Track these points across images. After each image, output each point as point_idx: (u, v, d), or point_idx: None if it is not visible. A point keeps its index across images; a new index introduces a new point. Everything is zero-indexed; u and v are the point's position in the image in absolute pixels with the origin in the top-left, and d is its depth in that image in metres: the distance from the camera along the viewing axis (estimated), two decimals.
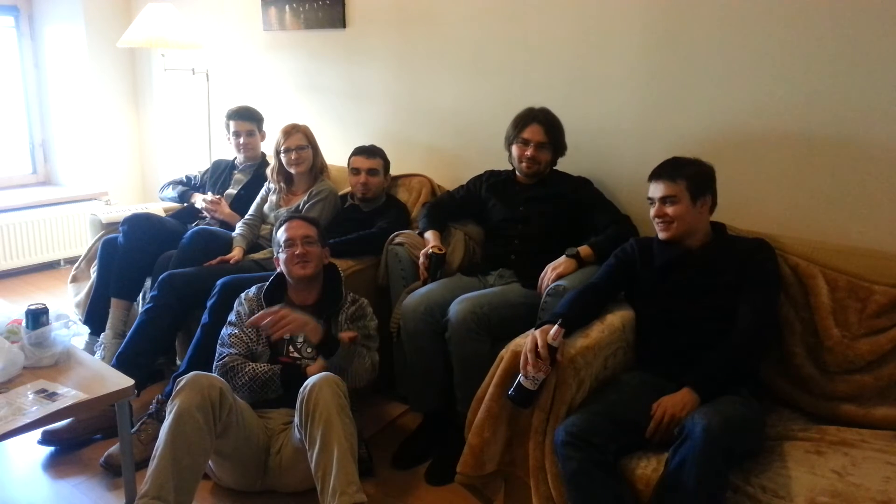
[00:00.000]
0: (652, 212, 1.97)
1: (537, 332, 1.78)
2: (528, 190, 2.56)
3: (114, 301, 2.87)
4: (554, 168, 2.58)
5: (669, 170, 1.96)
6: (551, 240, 2.46)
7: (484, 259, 2.62)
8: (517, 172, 2.59)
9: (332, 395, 1.93)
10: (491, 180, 2.69)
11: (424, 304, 2.32)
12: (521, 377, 1.75)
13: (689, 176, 1.93)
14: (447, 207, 2.72)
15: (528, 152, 2.47)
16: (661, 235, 1.97)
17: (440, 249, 2.46)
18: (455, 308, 2.24)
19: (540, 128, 2.46)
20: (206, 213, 3.13)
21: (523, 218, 2.53)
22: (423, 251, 2.46)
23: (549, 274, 2.27)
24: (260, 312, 2.13)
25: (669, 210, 1.92)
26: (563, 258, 2.29)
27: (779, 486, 1.58)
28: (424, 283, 2.45)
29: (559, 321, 1.79)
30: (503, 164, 2.67)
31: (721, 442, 1.54)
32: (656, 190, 1.96)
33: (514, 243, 2.53)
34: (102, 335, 2.86)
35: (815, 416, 1.93)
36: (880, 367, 1.88)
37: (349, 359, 2.13)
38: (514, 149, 2.52)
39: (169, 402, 1.93)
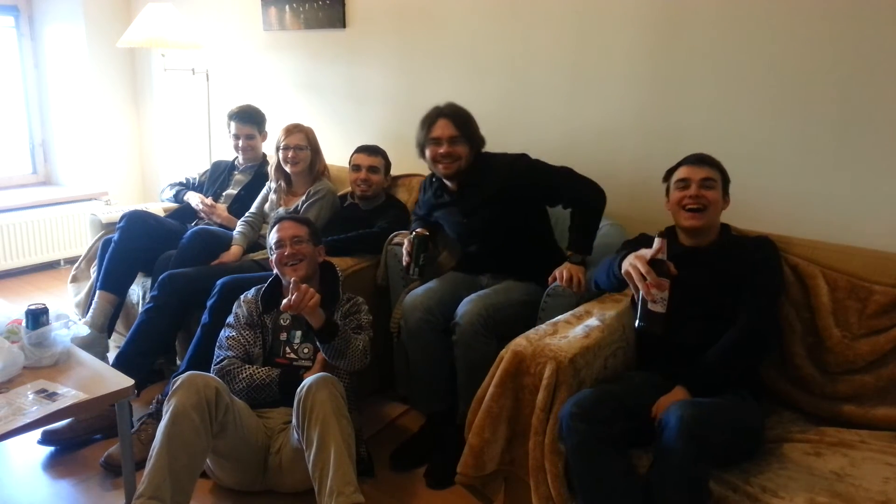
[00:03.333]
0: (683, 193, 1.91)
1: (637, 255, 1.73)
2: (460, 199, 2.42)
3: (99, 293, 2.83)
4: (478, 157, 2.42)
5: (708, 158, 1.96)
6: (518, 233, 2.40)
7: (470, 264, 2.56)
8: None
9: (329, 396, 1.93)
10: (426, 196, 2.57)
11: (425, 302, 2.32)
12: (647, 304, 1.68)
13: (722, 170, 1.97)
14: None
15: (442, 150, 2.32)
16: (689, 223, 1.91)
17: (423, 233, 2.43)
18: (463, 310, 2.22)
19: (447, 121, 2.32)
20: (202, 215, 3.13)
21: (472, 232, 2.44)
22: (407, 237, 2.44)
23: (564, 281, 2.17)
24: (289, 298, 2.04)
25: (707, 193, 1.89)
26: (567, 265, 2.21)
27: (779, 487, 1.58)
28: (408, 269, 2.40)
29: (658, 234, 1.73)
30: None
31: (694, 431, 1.53)
32: (696, 172, 1.91)
33: (483, 256, 2.47)
34: (81, 319, 2.79)
35: (815, 416, 1.94)
36: (880, 367, 1.88)
37: (347, 342, 2.13)
38: (428, 152, 2.36)
39: (165, 402, 1.93)
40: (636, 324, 1.73)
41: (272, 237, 2.29)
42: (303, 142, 2.91)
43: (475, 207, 2.41)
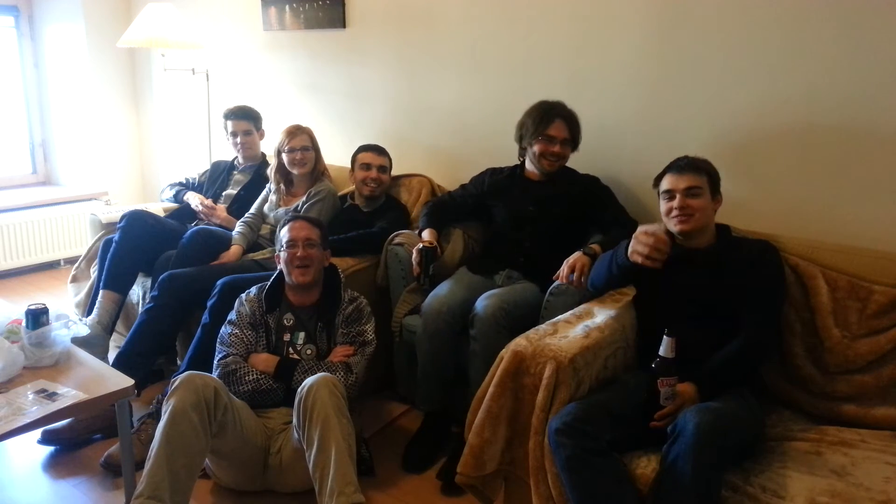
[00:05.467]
0: (670, 205, 1.92)
1: (649, 230, 1.81)
2: (538, 189, 2.52)
3: (103, 292, 2.84)
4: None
5: (691, 163, 1.94)
6: (560, 240, 2.44)
7: (490, 259, 2.59)
8: (532, 169, 2.54)
9: (330, 396, 1.93)
10: (494, 178, 2.65)
11: (447, 304, 2.32)
12: (660, 400, 1.71)
13: (709, 171, 1.95)
14: (447, 208, 2.71)
15: (556, 149, 2.43)
16: (678, 228, 1.92)
17: (431, 244, 2.46)
18: (483, 303, 2.25)
19: (563, 124, 2.43)
20: (201, 216, 3.13)
21: (533, 218, 2.50)
22: (415, 247, 2.46)
23: (566, 270, 2.22)
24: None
25: (693, 202, 1.89)
26: (578, 254, 2.25)
27: (779, 486, 1.58)
28: (418, 279, 2.45)
29: (667, 332, 1.72)
30: (503, 163, 2.67)
31: (712, 438, 1.54)
32: (679, 181, 1.92)
33: (523, 245, 2.50)
34: (87, 319, 2.80)
35: (815, 416, 1.94)
36: (880, 367, 1.88)
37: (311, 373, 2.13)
38: (537, 146, 2.44)
39: (164, 401, 1.94)
40: (651, 422, 1.73)
41: (284, 235, 2.27)
42: (308, 143, 2.91)
43: (549, 199, 2.49)
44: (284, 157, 2.90)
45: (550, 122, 2.42)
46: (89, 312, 2.97)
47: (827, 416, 1.92)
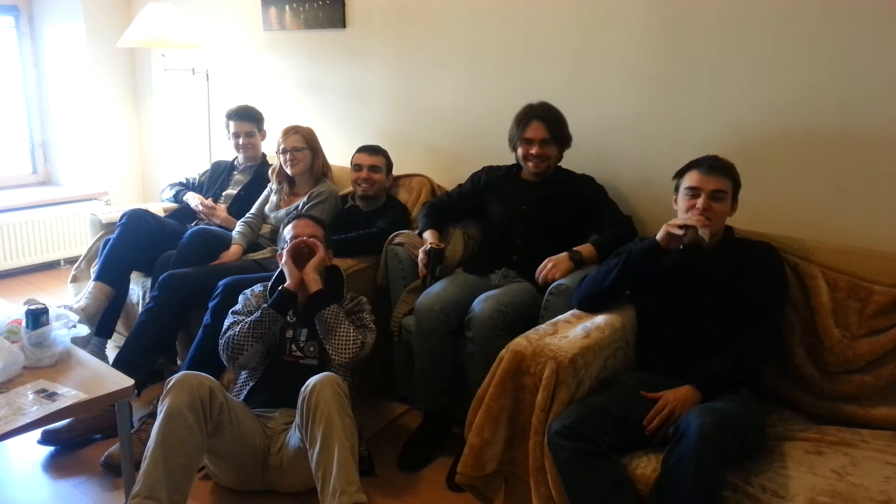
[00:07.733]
0: (692, 202, 1.88)
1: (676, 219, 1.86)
2: (532, 189, 2.53)
3: (94, 283, 2.82)
4: (558, 165, 2.57)
5: (720, 165, 1.91)
6: (554, 239, 2.45)
7: (485, 258, 2.61)
8: (524, 170, 2.56)
9: (333, 395, 1.93)
10: (490, 176, 2.67)
11: (440, 303, 2.32)
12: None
13: (734, 178, 1.93)
14: (445, 208, 2.71)
15: (534, 150, 2.45)
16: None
17: (438, 245, 2.47)
18: (479, 306, 2.25)
19: (540, 124, 2.45)
20: (201, 216, 3.13)
21: (526, 218, 2.52)
22: (421, 248, 2.47)
23: (549, 271, 2.26)
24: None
25: (717, 206, 1.87)
26: (562, 255, 2.28)
27: (779, 486, 1.58)
28: (423, 281, 2.46)
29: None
30: (503, 163, 2.67)
31: (716, 439, 1.54)
32: (707, 182, 1.88)
33: (516, 244, 2.52)
34: (76, 304, 2.76)
35: (815, 416, 1.94)
36: (880, 367, 1.88)
37: (337, 317, 2.16)
38: (520, 149, 2.50)
39: (159, 402, 1.94)
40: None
41: (288, 232, 2.28)
42: (300, 143, 2.91)
43: (542, 199, 2.51)
44: (280, 157, 2.91)
45: (527, 124, 2.46)
46: None
47: (827, 416, 1.92)
